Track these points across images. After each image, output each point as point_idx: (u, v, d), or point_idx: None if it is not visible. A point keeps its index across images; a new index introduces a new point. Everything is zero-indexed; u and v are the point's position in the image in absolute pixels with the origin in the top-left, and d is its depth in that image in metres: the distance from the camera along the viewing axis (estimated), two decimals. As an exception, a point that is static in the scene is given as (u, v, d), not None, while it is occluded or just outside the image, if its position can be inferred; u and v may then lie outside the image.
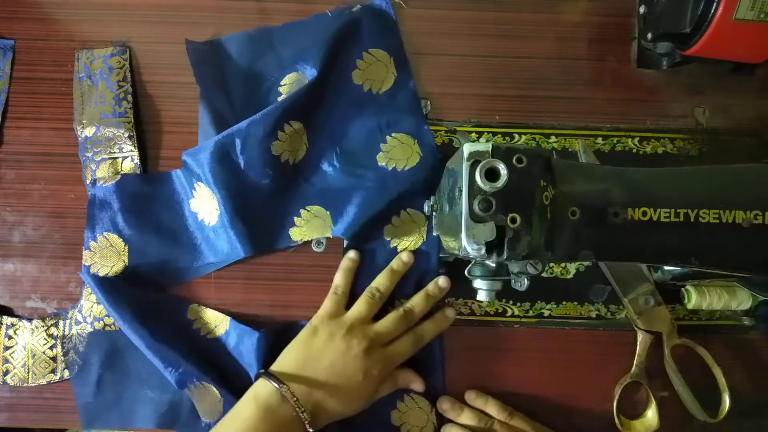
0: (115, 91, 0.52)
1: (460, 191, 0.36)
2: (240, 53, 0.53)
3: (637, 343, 0.49)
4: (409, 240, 0.51)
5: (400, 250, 0.51)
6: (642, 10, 0.52)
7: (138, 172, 0.51)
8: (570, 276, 0.51)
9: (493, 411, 0.48)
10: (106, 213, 0.51)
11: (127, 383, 0.49)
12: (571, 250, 0.37)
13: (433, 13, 0.54)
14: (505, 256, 0.35)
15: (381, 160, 0.52)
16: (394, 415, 0.49)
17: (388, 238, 0.51)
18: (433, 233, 0.49)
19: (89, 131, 0.51)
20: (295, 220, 0.51)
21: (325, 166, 0.52)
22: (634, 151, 0.52)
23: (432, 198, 0.48)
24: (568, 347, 0.51)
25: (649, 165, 0.49)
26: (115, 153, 0.51)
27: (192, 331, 0.50)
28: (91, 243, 0.51)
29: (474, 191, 0.35)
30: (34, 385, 0.50)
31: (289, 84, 0.52)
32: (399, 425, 0.49)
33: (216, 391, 0.47)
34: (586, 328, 0.51)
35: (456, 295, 0.50)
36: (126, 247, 0.50)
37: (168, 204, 0.52)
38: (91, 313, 0.50)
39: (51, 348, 0.50)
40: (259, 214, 0.50)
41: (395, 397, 0.49)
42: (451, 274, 0.50)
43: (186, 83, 0.52)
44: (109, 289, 0.48)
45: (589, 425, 0.50)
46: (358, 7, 0.53)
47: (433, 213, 0.48)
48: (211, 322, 0.50)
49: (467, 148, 0.36)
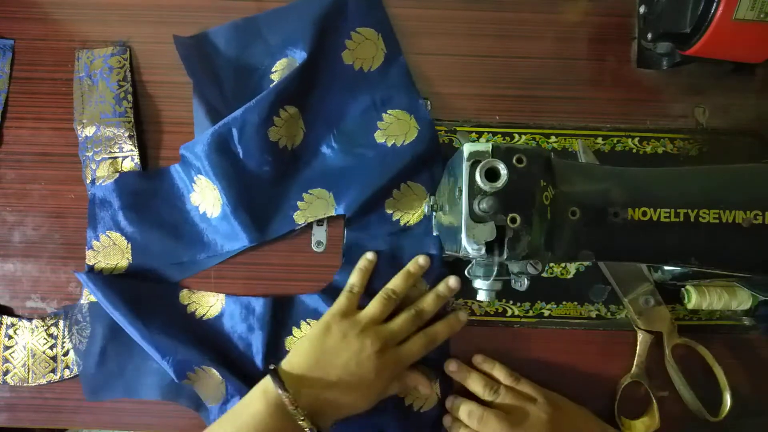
0: (116, 91, 0.52)
1: (460, 191, 0.36)
2: (228, 45, 0.53)
3: (638, 343, 0.49)
4: (411, 213, 0.51)
5: (403, 224, 0.51)
6: (642, 10, 0.52)
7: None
8: (570, 276, 0.51)
9: (500, 375, 0.48)
10: (106, 212, 0.51)
11: (131, 354, 0.49)
12: (571, 250, 0.37)
13: (433, 13, 0.54)
14: (505, 256, 0.35)
15: (379, 137, 0.52)
16: None
17: (390, 211, 0.51)
18: (434, 233, 0.49)
19: (89, 131, 0.51)
20: (298, 204, 0.51)
21: (323, 149, 0.52)
22: (634, 151, 0.52)
23: (432, 198, 0.48)
24: (568, 347, 0.51)
25: (649, 165, 0.49)
26: (115, 152, 0.51)
27: (186, 315, 0.50)
28: (94, 242, 0.51)
29: (474, 191, 0.35)
30: (34, 384, 0.50)
31: (280, 70, 0.52)
32: (403, 396, 0.49)
33: (216, 373, 0.47)
34: (586, 328, 0.51)
35: (456, 295, 0.50)
36: (129, 245, 0.50)
37: (168, 199, 0.52)
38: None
39: (51, 348, 0.50)
40: (261, 201, 0.50)
41: None
42: (451, 275, 0.50)
43: (186, 83, 0.52)
44: (103, 284, 0.48)
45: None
46: None
47: (433, 213, 0.48)
48: (204, 304, 0.50)
49: (467, 148, 0.36)
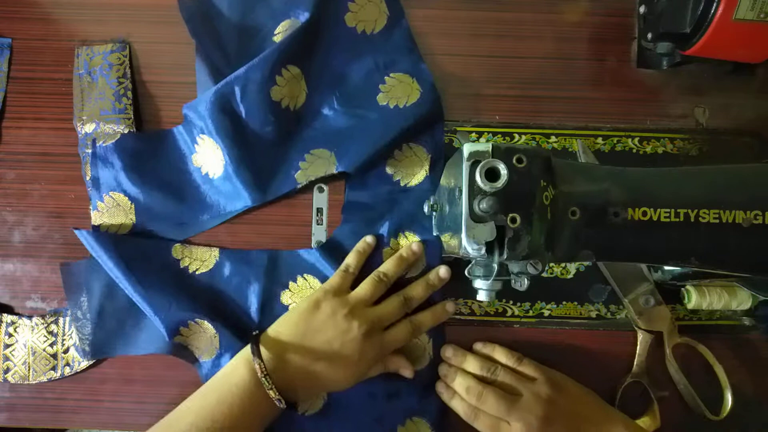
0: (115, 88, 0.52)
1: (460, 191, 0.36)
2: (231, 6, 0.53)
3: (638, 342, 0.49)
4: (413, 176, 0.51)
5: (403, 185, 0.51)
6: (642, 10, 0.52)
7: None
8: (570, 276, 0.51)
9: (501, 357, 0.47)
10: (109, 172, 0.51)
11: (129, 311, 0.49)
12: (571, 250, 0.37)
13: (433, 13, 0.54)
14: (505, 256, 0.35)
15: (382, 100, 0.52)
16: None
17: (390, 171, 0.51)
18: (434, 233, 0.49)
19: (89, 127, 0.52)
20: (300, 164, 0.51)
21: (325, 111, 0.52)
22: (634, 151, 0.52)
23: (432, 198, 0.48)
24: (568, 347, 0.51)
25: (649, 165, 0.49)
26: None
27: (180, 270, 0.50)
28: (99, 203, 0.51)
29: (474, 191, 0.35)
30: (35, 382, 0.50)
31: (282, 32, 0.51)
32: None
33: (210, 326, 0.47)
34: (586, 328, 0.51)
35: (456, 295, 0.50)
36: (132, 205, 0.50)
37: (170, 161, 0.52)
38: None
39: (51, 345, 0.50)
40: (263, 161, 0.50)
41: None
42: (452, 274, 0.50)
43: (186, 83, 0.52)
44: (98, 240, 0.48)
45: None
46: None
47: (433, 213, 0.48)
48: (198, 258, 0.50)
49: (467, 148, 0.36)
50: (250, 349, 0.43)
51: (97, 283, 0.49)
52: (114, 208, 0.50)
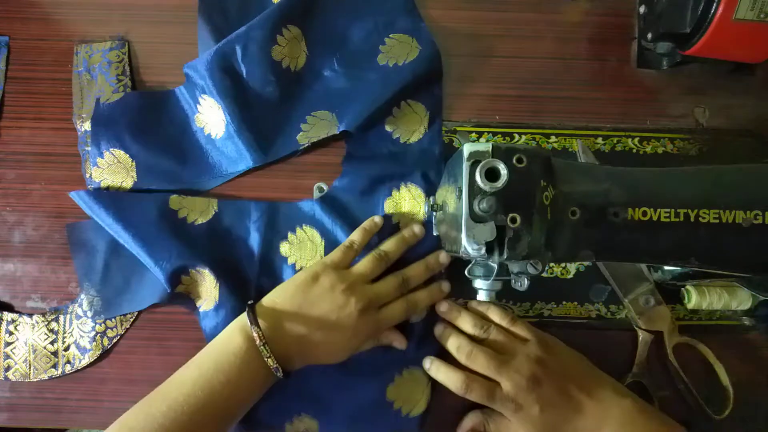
0: (114, 85, 0.52)
1: (460, 191, 0.36)
2: None
3: (638, 342, 0.49)
4: (411, 132, 0.52)
5: (403, 141, 0.52)
6: (642, 10, 0.52)
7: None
8: (570, 276, 0.51)
9: (495, 317, 0.47)
10: (111, 129, 0.51)
11: (133, 268, 0.49)
12: (571, 250, 0.37)
13: (433, 13, 0.54)
14: (505, 256, 0.35)
15: (381, 60, 0.52)
16: None
17: (389, 129, 0.52)
18: (434, 233, 0.50)
19: (88, 125, 0.52)
20: (301, 126, 0.51)
21: (326, 72, 0.53)
22: (634, 151, 0.52)
23: (432, 198, 0.48)
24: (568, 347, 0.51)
25: (649, 165, 0.49)
26: (115, 152, 0.51)
27: (178, 221, 0.49)
28: (99, 159, 0.51)
29: (474, 191, 0.35)
30: (35, 380, 0.50)
31: None
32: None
33: (211, 275, 0.48)
34: (586, 328, 0.51)
35: (456, 295, 0.50)
36: (133, 163, 0.50)
37: (174, 120, 0.52)
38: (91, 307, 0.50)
39: (52, 343, 0.50)
40: (265, 122, 0.50)
41: None
42: (452, 274, 0.50)
43: (184, 83, 0.52)
44: (93, 199, 0.48)
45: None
46: None
47: (433, 213, 0.48)
48: (196, 208, 0.50)
49: (467, 148, 0.36)
50: (246, 318, 0.43)
51: (102, 241, 0.50)
52: (115, 165, 0.50)
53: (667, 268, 0.48)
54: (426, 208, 0.48)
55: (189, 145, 0.52)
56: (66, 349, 0.50)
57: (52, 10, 0.55)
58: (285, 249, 0.50)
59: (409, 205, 0.50)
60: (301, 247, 0.50)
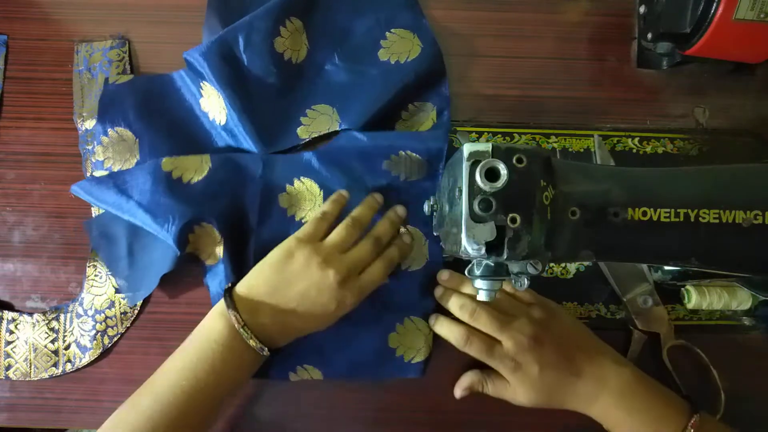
0: (115, 85, 0.52)
1: (460, 191, 0.36)
2: None
3: (631, 341, 0.49)
4: (420, 127, 0.52)
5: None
6: (642, 10, 0.52)
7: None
8: (570, 276, 0.51)
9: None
10: (117, 108, 0.51)
11: (156, 244, 0.49)
12: (571, 250, 0.37)
13: (433, 13, 0.54)
14: (505, 256, 0.35)
15: (383, 55, 0.52)
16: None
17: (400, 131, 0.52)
18: (434, 233, 0.49)
19: (89, 124, 0.52)
20: (302, 119, 0.51)
21: (327, 66, 0.53)
22: (634, 151, 0.52)
23: (432, 198, 0.48)
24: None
25: (649, 165, 0.49)
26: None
27: (173, 182, 0.49)
28: (103, 138, 0.51)
29: (474, 191, 0.35)
30: (36, 379, 0.50)
31: None
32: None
33: (215, 230, 0.48)
34: (586, 328, 0.51)
35: (456, 295, 0.50)
36: (137, 141, 0.51)
37: (181, 103, 0.52)
38: (92, 306, 0.50)
39: (52, 342, 0.50)
40: (265, 113, 0.50)
41: None
42: (445, 269, 0.50)
43: (186, 83, 0.52)
44: (94, 185, 0.49)
45: (590, 424, 0.50)
46: None
47: (433, 213, 0.48)
48: (190, 167, 0.50)
49: (467, 148, 0.36)
50: (224, 303, 0.42)
51: (119, 227, 0.50)
52: (119, 143, 0.51)
53: (667, 268, 0.48)
54: (426, 208, 0.48)
55: (194, 129, 0.52)
56: (66, 347, 0.50)
57: (52, 10, 0.55)
58: (284, 200, 0.50)
59: (407, 168, 0.50)
60: (300, 198, 0.50)
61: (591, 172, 0.39)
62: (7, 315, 0.50)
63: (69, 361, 0.50)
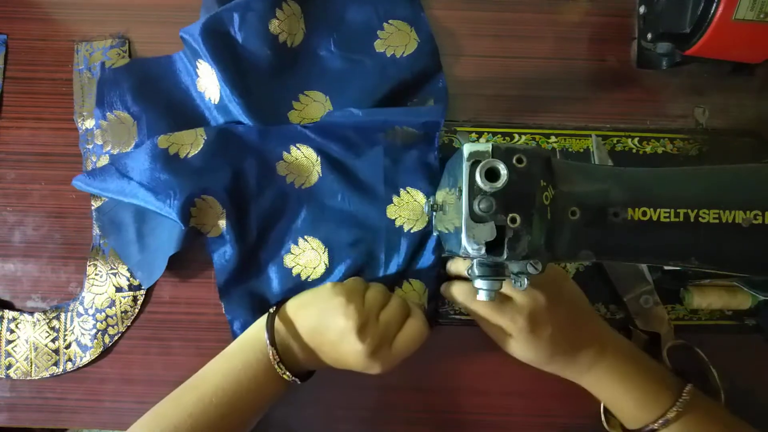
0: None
1: (460, 191, 0.36)
2: None
3: (631, 340, 0.49)
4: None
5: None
6: (642, 10, 0.52)
7: None
8: (570, 276, 0.51)
9: None
10: (115, 92, 0.52)
11: (163, 226, 0.49)
12: (571, 250, 0.37)
13: (432, 14, 0.54)
14: (505, 256, 0.35)
15: (379, 47, 0.52)
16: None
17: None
18: (434, 233, 0.49)
19: (89, 123, 0.52)
20: (293, 103, 0.52)
21: (322, 52, 0.53)
22: (634, 151, 0.52)
23: (432, 198, 0.48)
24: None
25: (649, 165, 0.49)
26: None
27: (170, 158, 0.49)
28: (101, 122, 0.51)
29: (474, 191, 0.35)
30: (37, 378, 0.50)
31: None
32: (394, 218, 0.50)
33: (218, 203, 0.48)
34: (586, 328, 0.51)
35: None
36: (135, 124, 0.51)
37: (178, 84, 0.53)
38: (92, 305, 0.50)
39: (53, 341, 0.50)
40: (258, 93, 0.50)
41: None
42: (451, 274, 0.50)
43: (186, 83, 0.52)
44: (94, 175, 0.49)
45: (590, 423, 0.50)
46: None
47: (433, 213, 0.48)
48: (185, 141, 0.49)
49: (467, 148, 0.36)
50: (261, 324, 0.43)
51: (126, 212, 0.50)
52: (118, 125, 0.51)
53: (667, 268, 0.48)
54: (426, 208, 0.48)
55: (191, 110, 0.52)
56: (67, 347, 0.50)
57: (52, 10, 0.55)
58: (282, 168, 0.51)
59: (403, 138, 0.50)
60: (298, 165, 0.51)
61: (591, 172, 0.39)
62: (8, 314, 0.50)
63: (70, 360, 0.50)
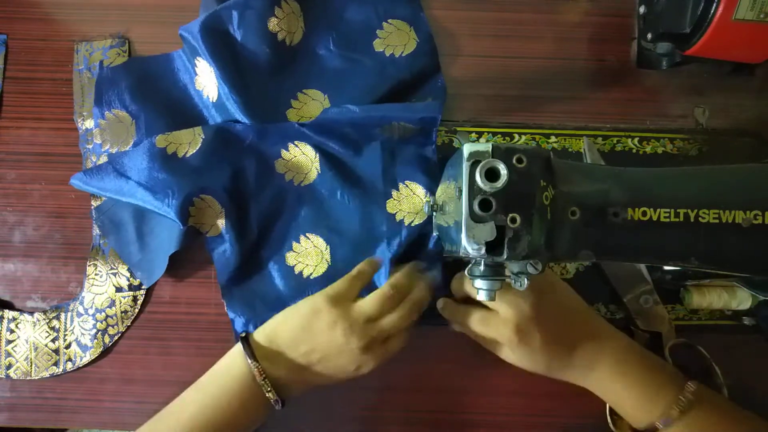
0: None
1: (460, 191, 0.36)
2: None
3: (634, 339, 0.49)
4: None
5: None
6: (642, 10, 0.52)
7: None
8: (570, 276, 0.51)
9: None
10: (113, 91, 0.52)
11: (163, 225, 0.49)
12: (571, 250, 0.37)
13: (432, 13, 0.54)
14: (505, 256, 0.35)
15: (378, 46, 0.53)
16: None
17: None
18: (434, 234, 0.49)
19: (89, 123, 0.52)
20: (292, 102, 0.52)
21: (321, 51, 0.53)
22: (634, 151, 0.52)
23: (432, 198, 0.48)
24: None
25: (649, 165, 0.49)
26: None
27: (169, 157, 0.49)
28: (100, 121, 0.51)
29: (474, 191, 0.35)
30: (37, 378, 0.50)
31: None
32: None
33: (216, 202, 0.48)
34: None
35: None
36: (133, 123, 0.51)
37: (176, 82, 0.53)
38: (92, 305, 0.50)
39: (53, 340, 0.50)
40: (256, 91, 0.51)
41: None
42: (452, 275, 0.49)
43: (186, 83, 0.52)
44: (93, 174, 0.49)
45: (590, 424, 0.50)
46: None
47: (433, 213, 0.48)
48: (183, 140, 0.49)
49: (467, 148, 0.36)
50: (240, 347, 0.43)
51: (125, 212, 0.50)
52: (116, 124, 0.51)
53: (667, 268, 0.48)
54: (426, 208, 0.48)
55: (190, 109, 0.52)
56: (67, 346, 0.50)
57: (52, 10, 0.55)
58: (280, 166, 0.51)
59: (400, 134, 0.50)
60: (297, 163, 0.51)
61: (591, 172, 0.39)
62: (8, 314, 0.50)
63: (70, 360, 0.50)
